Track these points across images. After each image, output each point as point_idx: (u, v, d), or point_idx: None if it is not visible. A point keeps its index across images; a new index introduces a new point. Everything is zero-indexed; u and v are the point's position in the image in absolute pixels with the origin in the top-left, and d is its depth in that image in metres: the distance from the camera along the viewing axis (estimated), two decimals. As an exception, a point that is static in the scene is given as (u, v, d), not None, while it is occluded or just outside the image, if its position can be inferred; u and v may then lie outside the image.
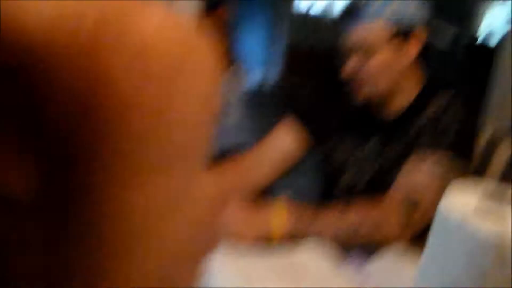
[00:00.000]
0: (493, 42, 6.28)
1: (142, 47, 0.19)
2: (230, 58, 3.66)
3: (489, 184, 0.79)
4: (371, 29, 1.31)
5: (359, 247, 1.14)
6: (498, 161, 1.47)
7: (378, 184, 1.38)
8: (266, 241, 1.14)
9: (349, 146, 1.46)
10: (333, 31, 1.39)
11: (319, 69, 4.80)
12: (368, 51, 1.32)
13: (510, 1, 5.19)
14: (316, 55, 6.65)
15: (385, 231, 1.18)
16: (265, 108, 5.82)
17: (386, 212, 1.21)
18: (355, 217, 1.21)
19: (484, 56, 4.77)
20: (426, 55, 1.38)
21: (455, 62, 6.07)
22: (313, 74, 2.48)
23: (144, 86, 0.19)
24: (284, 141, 1.47)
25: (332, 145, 1.49)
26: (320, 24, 6.78)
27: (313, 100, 1.60)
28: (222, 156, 1.34)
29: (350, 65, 1.37)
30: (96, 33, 0.19)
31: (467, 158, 1.29)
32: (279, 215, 1.18)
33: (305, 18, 6.80)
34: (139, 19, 0.20)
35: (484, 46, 6.43)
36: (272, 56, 6.83)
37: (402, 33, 1.34)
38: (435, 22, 1.43)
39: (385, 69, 1.34)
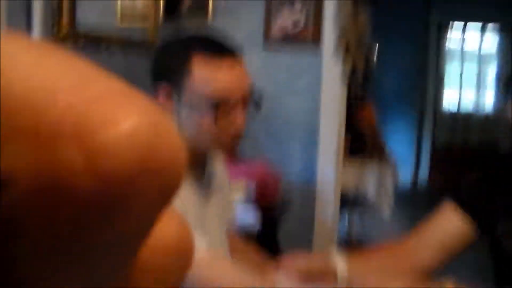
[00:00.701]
0: None
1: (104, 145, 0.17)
2: (383, 153, 3.75)
3: None
4: None
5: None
6: None
7: None
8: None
9: None
10: (485, 126, 1.40)
11: (474, 163, 4.68)
12: None
13: None
14: (468, 151, 6.51)
15: None
16: (417, 207, 5.72)
17: None
18: None
19: None
20: None
21: None
22: (466, 169, 2.46)
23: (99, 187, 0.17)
24: (450, 223, 1.46)
25: (501, 232, 1.45)
26: (469, 120, 6.67)
27: (475, 190, 1.55)
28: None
29: None
30: (60, 122, 0.17)
31: None
32: None
33: (454, 116, 6.73)
34: (110, 116, 0.18)
35: None
36: (421, 156, 6.77)
37: None
38: None
39: None
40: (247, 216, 2.36)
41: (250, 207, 2.42)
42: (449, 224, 1.46)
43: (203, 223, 1.39)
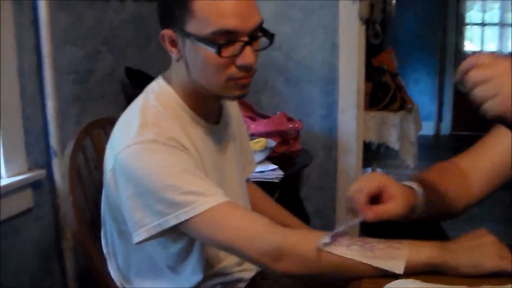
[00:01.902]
0: None
1: None
2: (405, 101, 3.68)
3: None
4: None
5: None
6: None
7: None
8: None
9: None
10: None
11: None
12: None
13: None
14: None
15: None
16: (441, 158, 5.66)
17: None
18: None
19: None
20: None
21: None
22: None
23: None
24: (502, 145, 1.40)
25: None
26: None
27: None
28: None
29: None
30: None
31: None
32: None
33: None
34: None
35: None
36: (443, 106, 6.69)
37: None
38: None
39: None
40: (269, 171, 2.34)
41: (271, 163, 2.39)
42: (501, 145, 1.41)
43: (221, 171, 1.36)
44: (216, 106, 1.36)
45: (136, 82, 2.35)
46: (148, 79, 1.39)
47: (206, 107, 1.31)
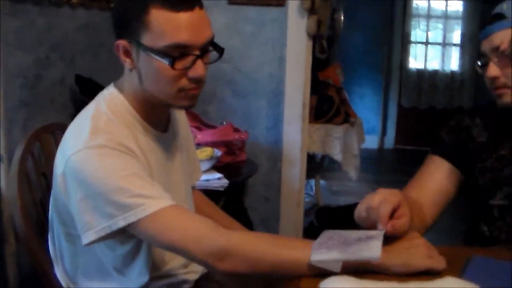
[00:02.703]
0: None
1: None
2: (349, 112, 3.81)
3: None
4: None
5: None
6: None
7: None
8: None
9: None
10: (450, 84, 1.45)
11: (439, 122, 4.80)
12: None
13: None
14: (434, 111, 6.70)
15: None
16: (384, 171, 5.87)
17: None
18: None
19: None
20: None
21: None
22: (432, 128, 2.57)
23: None
24: (441, 174, 1.57)
25: (477, 170, 1.56)
26: (435, 78, 6.83)
27: (453, 140, 1.64)
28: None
29: (492, 69, 1.43)
30: None
31: None
32: None
33: (420, 74, 6.87)
34: None
35: None
36: (388, 120, 6.91)
37: None
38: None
39: None
40: (214, 180, 2.41)
41: (217, 172, 2.47)
42: (440, 175, 1.56)
43: (168, 177, 1.43)
44: (165, 115, 1.44)
45: (85, 90, 2.38)
46: (98, 87, 1.44)
47: (155, 116, 1.39)
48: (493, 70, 1.44)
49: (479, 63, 1.48)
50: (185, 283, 1.48)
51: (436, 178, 1.58)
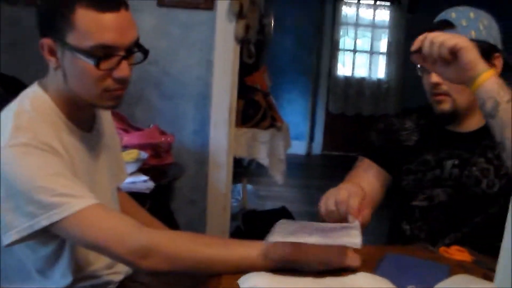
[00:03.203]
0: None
1: None
2: (275, 117, 3.88)
3: None
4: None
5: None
6: None
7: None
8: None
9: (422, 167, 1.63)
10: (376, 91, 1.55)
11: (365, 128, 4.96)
12: None
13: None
14: (360, 117, 6.91)
15: None
16: (311, 176, 6.00)
17: None
18: None
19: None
20: (505, 74, 1.48)
21: None
22: (359, 134, 2.69)
23: None
24: (371, 177, 1.67)
25: (403, 171, 1.66)
26: (362, 85, 7.04)
27: (382, 143, 1.73)
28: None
29: (435, 75, 1.49)
30: None
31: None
32: None
33: (348, 81, 7.06)
34: None
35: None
36: (315, 126, 7.06)
37: (486, 52, 1.43)
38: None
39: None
40: (140, 182, 2.42)
41: (143, 174, 2.48)
42: (370, 176, 1.67)
43: (93, 177, 1.45)
44: (90, 114, 1.46)
45: (8, 88, 2.35)
46: (22, 85, 1.44)
47: (80, 115, 1.40)
48: (436, 76, 1.51)
49: (419, 66, 1.53)
50: (109, 284, 1.49)
51: (366, 180, 1.66)
